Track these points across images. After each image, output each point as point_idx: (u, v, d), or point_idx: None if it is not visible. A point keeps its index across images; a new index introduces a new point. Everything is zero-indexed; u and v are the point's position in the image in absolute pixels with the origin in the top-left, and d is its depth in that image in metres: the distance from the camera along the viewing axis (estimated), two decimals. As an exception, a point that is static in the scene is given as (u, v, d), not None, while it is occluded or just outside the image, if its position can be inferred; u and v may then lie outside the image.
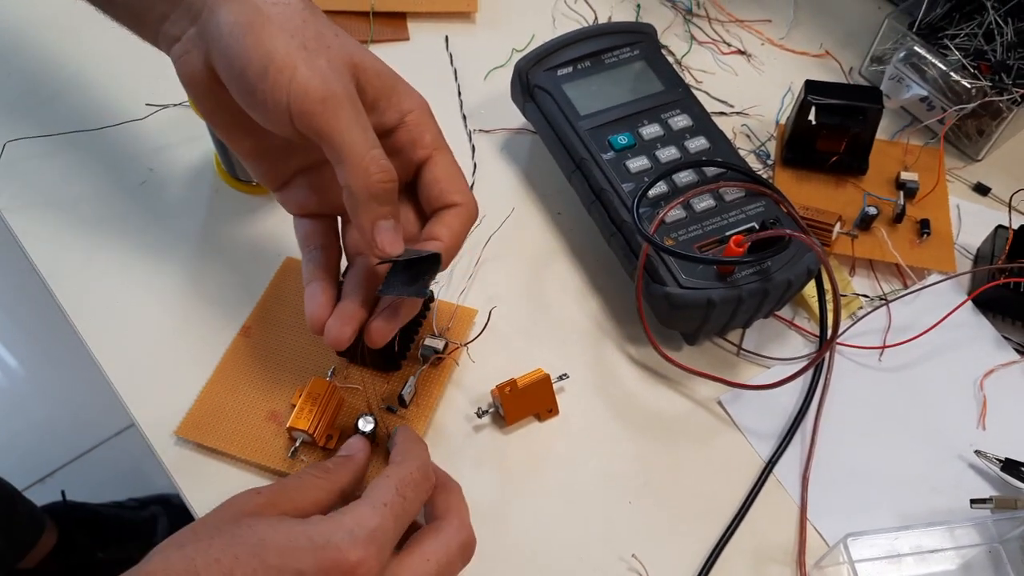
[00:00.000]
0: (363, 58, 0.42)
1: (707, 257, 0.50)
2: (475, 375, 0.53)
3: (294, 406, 0.48)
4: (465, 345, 0.53)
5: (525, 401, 0.50)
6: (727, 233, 0.51)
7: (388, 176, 0.40)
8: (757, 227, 0.52)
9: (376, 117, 0.43)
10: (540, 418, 0.51)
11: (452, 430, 0.51)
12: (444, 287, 0.56)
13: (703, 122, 0.57)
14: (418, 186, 0.45)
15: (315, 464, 0.43)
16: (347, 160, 0.39)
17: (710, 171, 0.54)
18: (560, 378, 0.52)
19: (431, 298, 0.54)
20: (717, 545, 0.48)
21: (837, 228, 0.57)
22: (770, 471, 0.50)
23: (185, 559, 0.35)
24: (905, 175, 0.60)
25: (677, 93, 0.58)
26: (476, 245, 0.58)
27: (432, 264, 0.42)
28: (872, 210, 0.57)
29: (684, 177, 0.54)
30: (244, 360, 0.52)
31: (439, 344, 0.52)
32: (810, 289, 0.56)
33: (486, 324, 0.53)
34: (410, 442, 0.44)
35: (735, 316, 0.51)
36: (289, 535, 0.36)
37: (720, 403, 0.53)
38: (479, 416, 0.51)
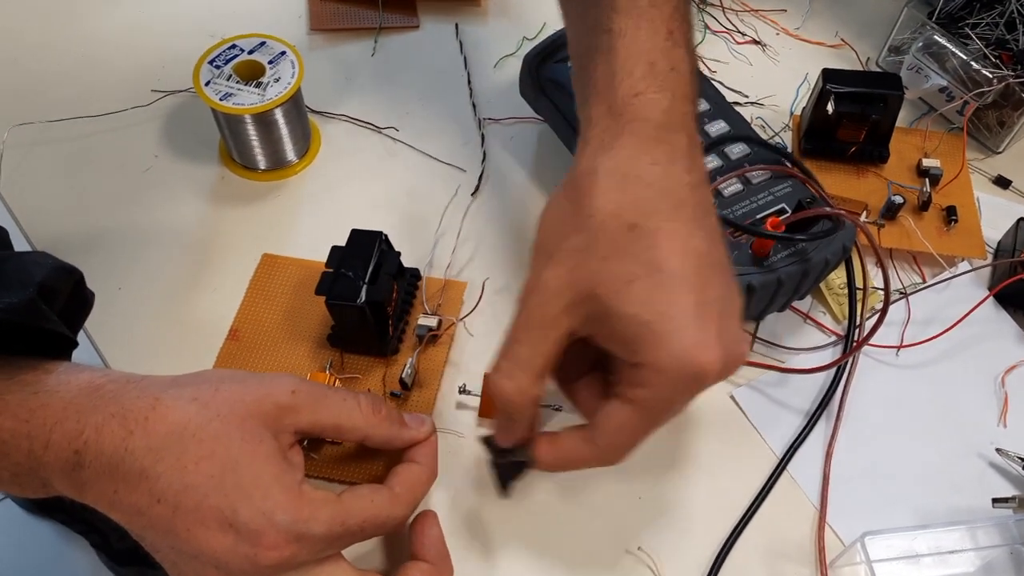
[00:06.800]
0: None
1: (765, 231, 0.47)
2: (479, 350, 0.52)
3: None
4: (461, 320, 0.52)
5: None
6: (758, 216, 0.50)
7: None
8: (788, 208, 0.51)
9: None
10: None
11: (455, 412, 0.50)
12: (427, 265, 0.55)
13: (720, 106, 0.56)
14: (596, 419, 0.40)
15: (374, 398, 0.42)
16: None
17: (734, 155, 0.53)
18: (555, 409, 0.50)
19: (419, 276, 0.54)
20: (727, 541, 0.46)
21: (863, 218, 0.56)
22: (784, 468, 0.49)
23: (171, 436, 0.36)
24: (927, 162, 0.59)
25: (691, 78, 0.57)
26: (454, 216, 0.58)
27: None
28: (898, 199, 0.56)
29: (709, 163, 0.53)
30: (237, 365, 0.51)
31: (432, 322, 0.51)
32: (829, 283, 0.55)
33: (480, 297, 0.53)
34: (413, 487, 0.42)
35: (774, 300, 0.50)
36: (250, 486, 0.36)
37: (732, 398, 0.52)
38: (460, 392, 0.50)
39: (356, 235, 0.50)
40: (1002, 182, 0.62)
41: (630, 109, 0.38)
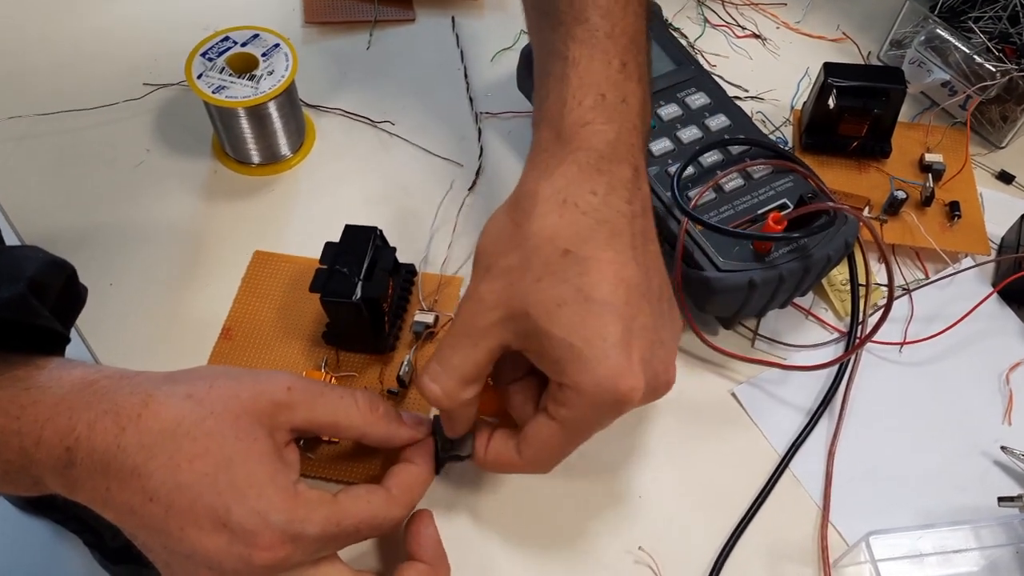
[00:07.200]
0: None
1: (767, 234, 0.47)
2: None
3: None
4: None
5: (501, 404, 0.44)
6: (760, 211, 0.49)
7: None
8: (789, 203, 0.50)
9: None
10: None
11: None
12: (423, 261, 0.55)
13: (721, 99, 0.55)
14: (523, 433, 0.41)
15: (371, 395, 0.41)
16: None
17: (735, 149, 0.52)
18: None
19: (414, 272, 0.53)
20: (729, 541, 0.46)
21: (866, 213, 0.55)
22: (786, 466, 0.48)
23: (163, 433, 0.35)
24: (930, 157, 0.58)
25: (689, 71, 0.56)
26: (450, 211, 0.57)
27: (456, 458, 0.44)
28: (901, 194, 0.55)
29: (709, 157, 0.52)
30: (231, 364, 0.50)
31: (429, 318, 0.50)
32: (831, 279, 0.54)
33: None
34: (409, 490, 0.41)
35: (775, 296, 0.49)
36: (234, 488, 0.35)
37: (734, 395, 0.51)
38: None
39: (350, 231, 0.49)
40: (1005, 177, 0.61)
41: (576, 138, 0.39)
